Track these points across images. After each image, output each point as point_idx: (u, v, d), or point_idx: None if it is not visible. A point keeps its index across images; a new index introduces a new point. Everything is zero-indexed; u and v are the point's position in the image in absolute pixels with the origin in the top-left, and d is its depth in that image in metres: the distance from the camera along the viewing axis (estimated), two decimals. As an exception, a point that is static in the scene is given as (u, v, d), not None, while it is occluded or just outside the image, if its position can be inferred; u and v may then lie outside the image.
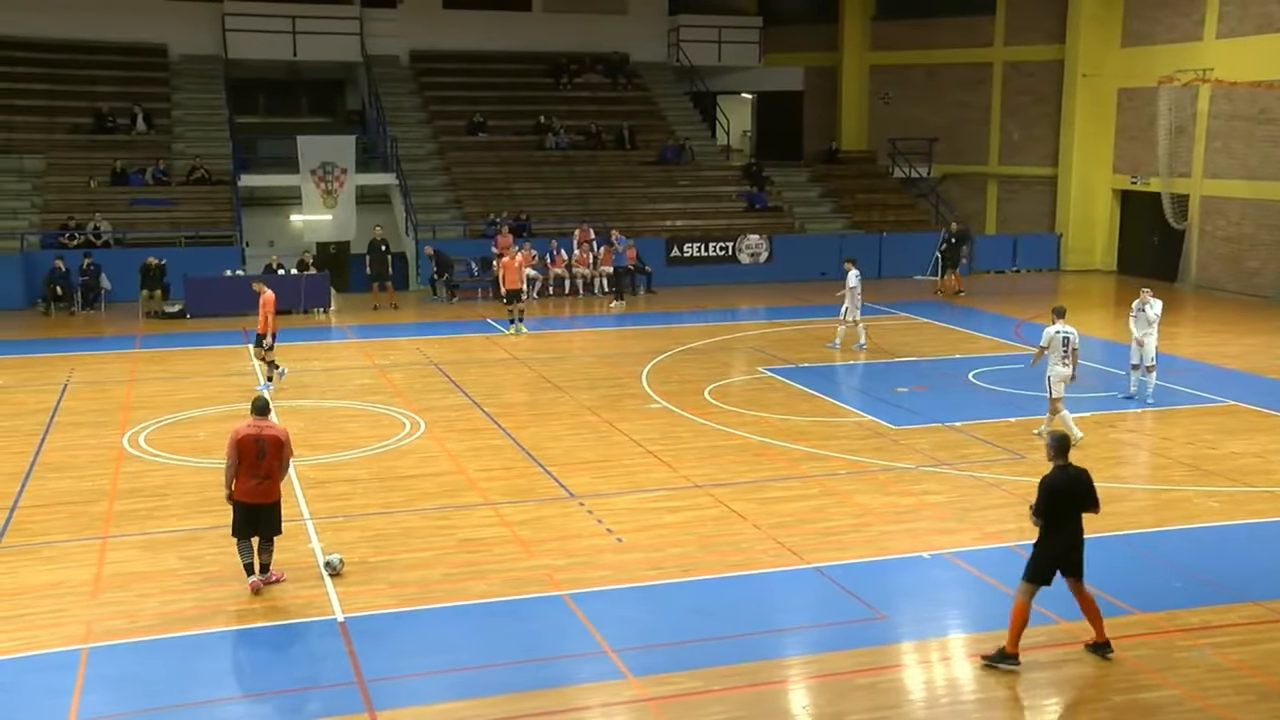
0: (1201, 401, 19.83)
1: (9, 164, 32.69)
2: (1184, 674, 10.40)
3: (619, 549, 13.24)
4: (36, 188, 32.20)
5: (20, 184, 32.28)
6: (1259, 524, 14.28)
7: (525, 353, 23.97)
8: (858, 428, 18.34)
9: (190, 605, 11.76)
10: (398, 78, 38.76)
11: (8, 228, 30.52)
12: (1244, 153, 31.26)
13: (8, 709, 9.79)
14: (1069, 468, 10.43)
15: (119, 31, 36.59)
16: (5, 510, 14.62)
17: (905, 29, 39.54)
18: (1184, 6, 32.53)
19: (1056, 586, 10.51)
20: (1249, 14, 30.77)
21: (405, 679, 10.28)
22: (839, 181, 38.62)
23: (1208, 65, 31.46)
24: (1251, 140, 31.01)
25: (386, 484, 15.62)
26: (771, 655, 10.78)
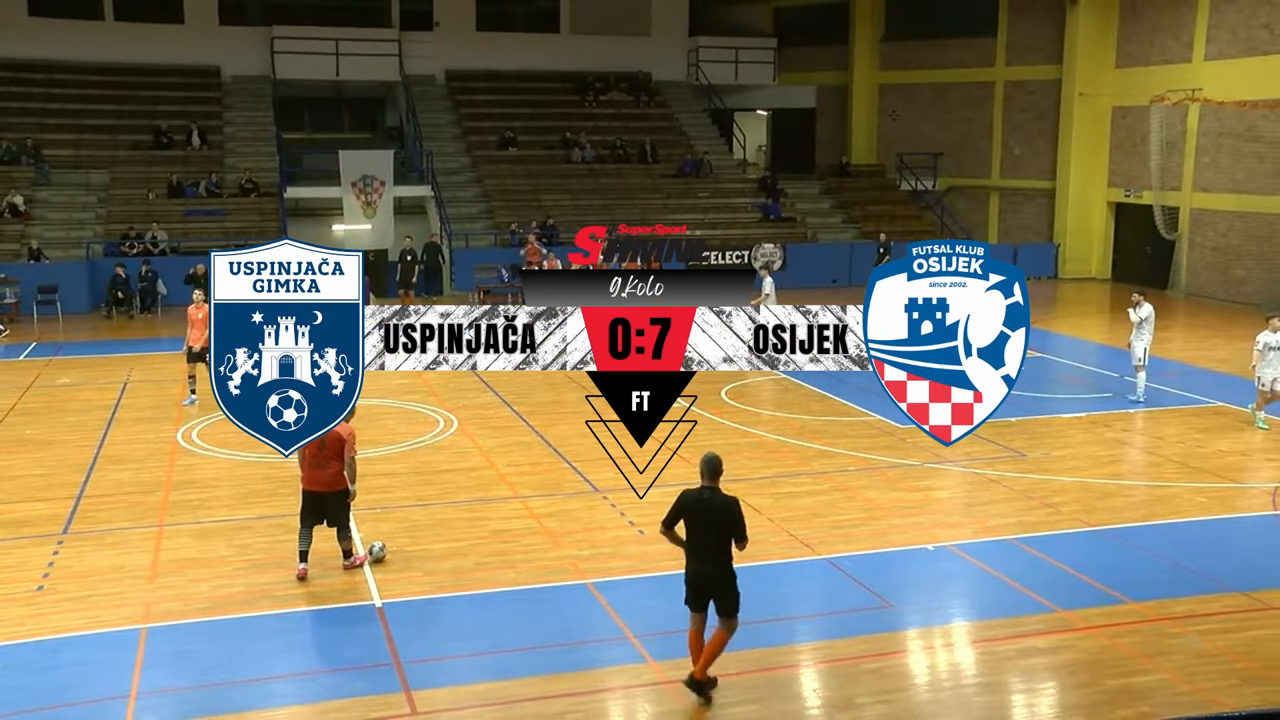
0: (1192, 402, 19.75)
1: (77, 178, 33.10)
2: (1173, 659, 10.37)
3: (640, 540, 13.25)
4: (101, 200, 32.51)
5: (87, 197, 32.62)
6: (1243, 518, 14.26)
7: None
8: (867, 427, 18.31)
9: (240, 590, 11.84)
10: (434, 96, 38.88)
11: (75, 237, 30.85)
12: (1231, 168, 31.10)
13: (77, 681, 9.92)
14: (706, 490, 9.51)
15: (177, 55, 36.99)
16: (72, 499, 14.76)
17: (912, 50, 39.43)
18: (1174, 30, 32.38)
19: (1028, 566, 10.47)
20: (1236, 38, 30.65)
21: (439, 661, 10.33)
22: (849, 193, 38.55)
23: (1197, 85, 31.33)
24: (1238, 156, 30.86)
25: (423, 478, 15.70)
26: (784, 641, 10.81)
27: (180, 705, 9.58)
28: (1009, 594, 11.82)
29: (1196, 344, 25.46)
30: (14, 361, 23.62)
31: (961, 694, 9.94)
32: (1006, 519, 14.03)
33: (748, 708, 9.51)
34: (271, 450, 8.89)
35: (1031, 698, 9.96)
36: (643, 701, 9.67)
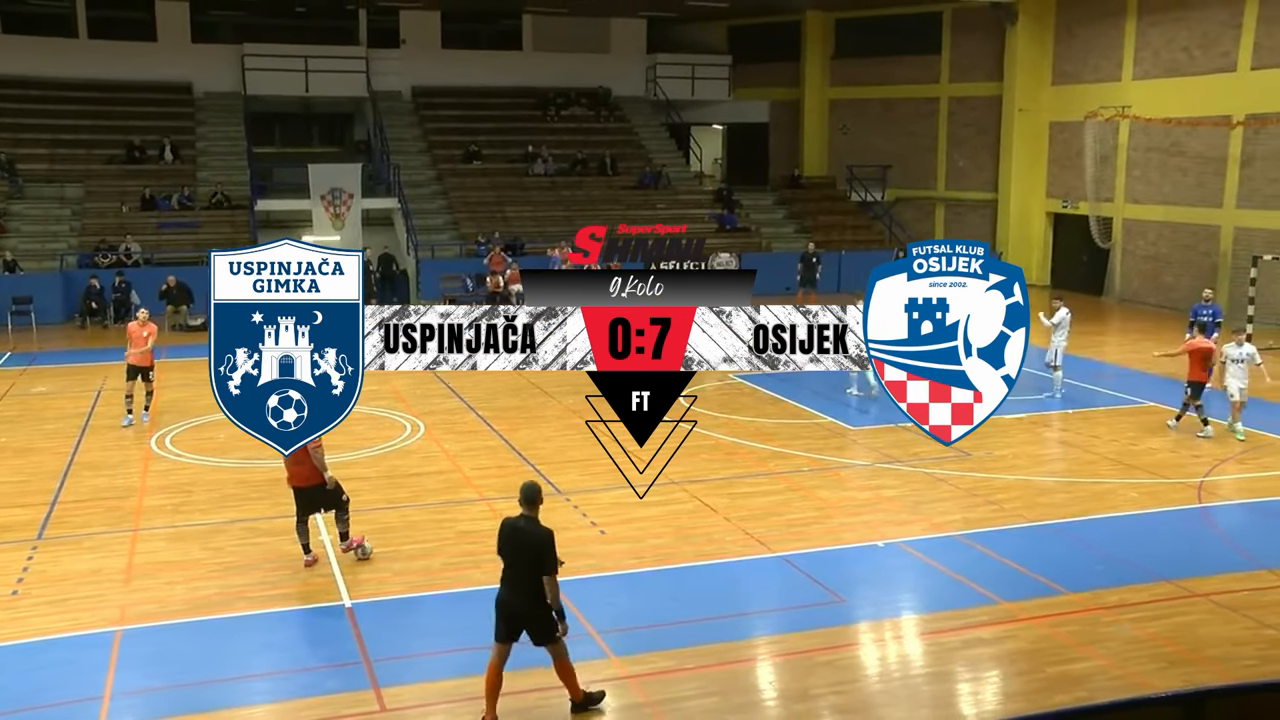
0: (1125, 403, 19.97)
1: (52, 191, 32.75)
2: (1107, 646, 10.51)
3: (602, 540, 13.27)
4: (75, 213, 32.18)
5: (61, 210, 32.29)
6: (1172, 511, 14.42)
7: (517, 361, 23.90)
8: (819, 428, 18.40)
9: (214, 592, 11.75)
10: (400, 111, 38.72)
11: (50, 249, 30.50)
12: (1159, 181, 31.52)
13: (52, 683, 9.82)
14: (522, 519, 9.09)
15: (150, 72, 36.69)
16: (47, 505, 14.60)
17: (861, 67, 39.64)
18: (1105, 50, 32.78)
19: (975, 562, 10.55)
20: (1159, 60, 31.15)
21: (408, 658, 10.30)
22: (802, 204, 38.70)
23: (1127, 103, 31.76)
24: (1165, 170, 31.29)
25: (392, 481, 15.62)
26: (741, 636, 10.83)
27: (155, 705, 9.48)
28: (955, 588, 11.92)
29: (1130, 347, 25.73)
30: (-10, 370, 23.36)
31: (911, 684, 10.00)
32: (952, 516, 14.14)
33: (707, 700, 9.53)
34: (244, 456, 8.83)
35: (977, 686, 10.05)
36: (606, 696, 9.66)
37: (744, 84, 41.64)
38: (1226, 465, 16.29)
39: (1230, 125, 29.13)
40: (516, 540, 9.03)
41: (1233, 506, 14.67)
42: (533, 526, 9.06)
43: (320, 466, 12.15)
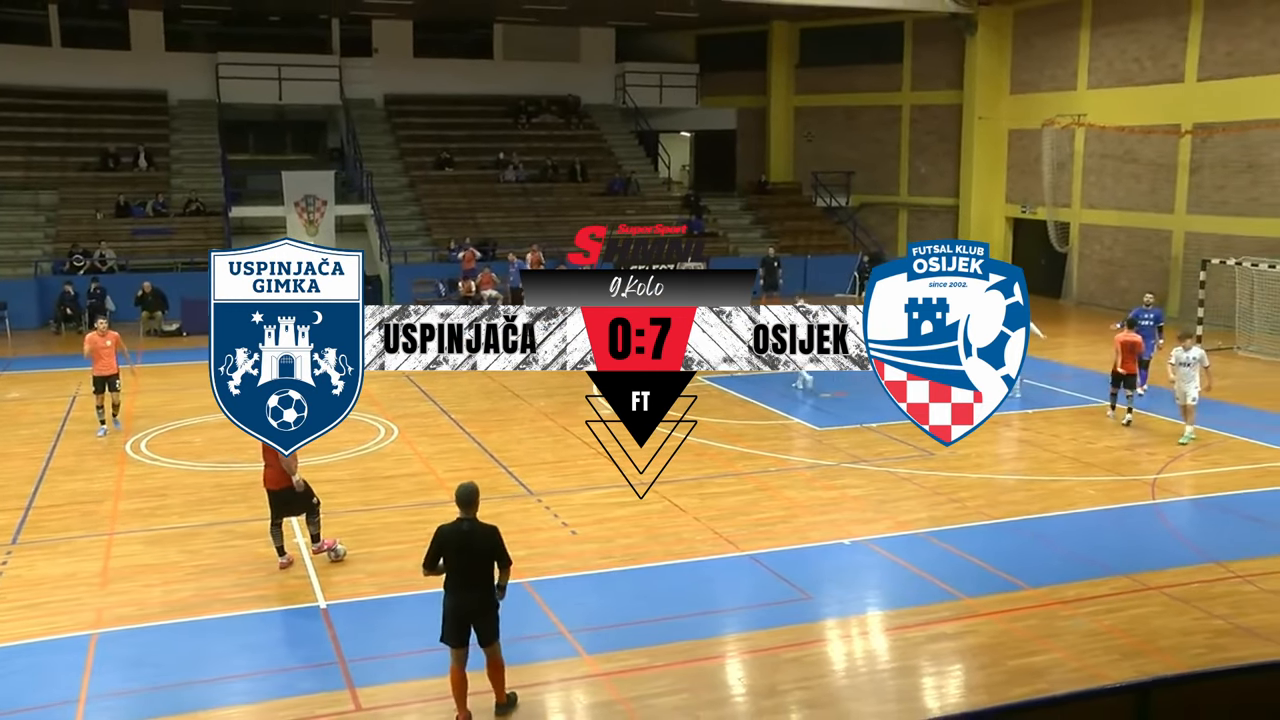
0: (1083, 403, 20.13)
1: (26, 199, 32.40)
2: (1065, 639, 10.62)
3: (574, 540, 13.26)
4: (49, 220, 31.85)
5: (35, 216, 31.96)
6: (1128, 508, 14.57)
7: (489, 364, 23.86)
8: (786, 429, 18.46)
9: (190, 594, 11.67)
10: (373, 119, 38.59)
11: (24, 256, 30.18)
12: (1113, 187, 31.83)
13: (29, 686, 9.74)
14: (466, 522, 8.94)
15: (124, 81, 36.39)
16: (22, 509, 14.46)
17: (825, 75, 39.81)
18: (1061, 60, 33.07)
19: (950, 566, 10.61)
20: (1113, 70, 31.47)
21: (383, 659, 10.26)
22: (768, 210, 38.81)
23: (1082, 111, 32.05)
24: (1119, 176, 31.60)
25: (366, 483, 15.56)
26: (710, 634, 10.85)
27: (131, 708, 9.41)
28: (919, 584, 11.99)
29: (1086, 349, 25.91)
30: (-34, 376, 23.13)
31: (876, 678, 10.06)
32: (917, 514, 14.22)
33: (677, 697, 9.54)
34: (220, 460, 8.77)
35: (940, 680, 10.10)
36: (579, 694, 9.68)
37: (711, 92, 41.75)
38: (1179, 463, 16.46)
39: (1179, 134, 29.47)
40: (468, 542, 8.90)
41: (1184, 502, 14.83)
42: (480, 526, 8.99)
43: (288, 469, 12.07)
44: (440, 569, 8.96)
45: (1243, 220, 28.05)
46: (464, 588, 8.93)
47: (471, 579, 8.92)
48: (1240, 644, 10.53)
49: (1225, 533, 13.60)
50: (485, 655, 9.09)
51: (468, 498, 9.02)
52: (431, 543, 8.97)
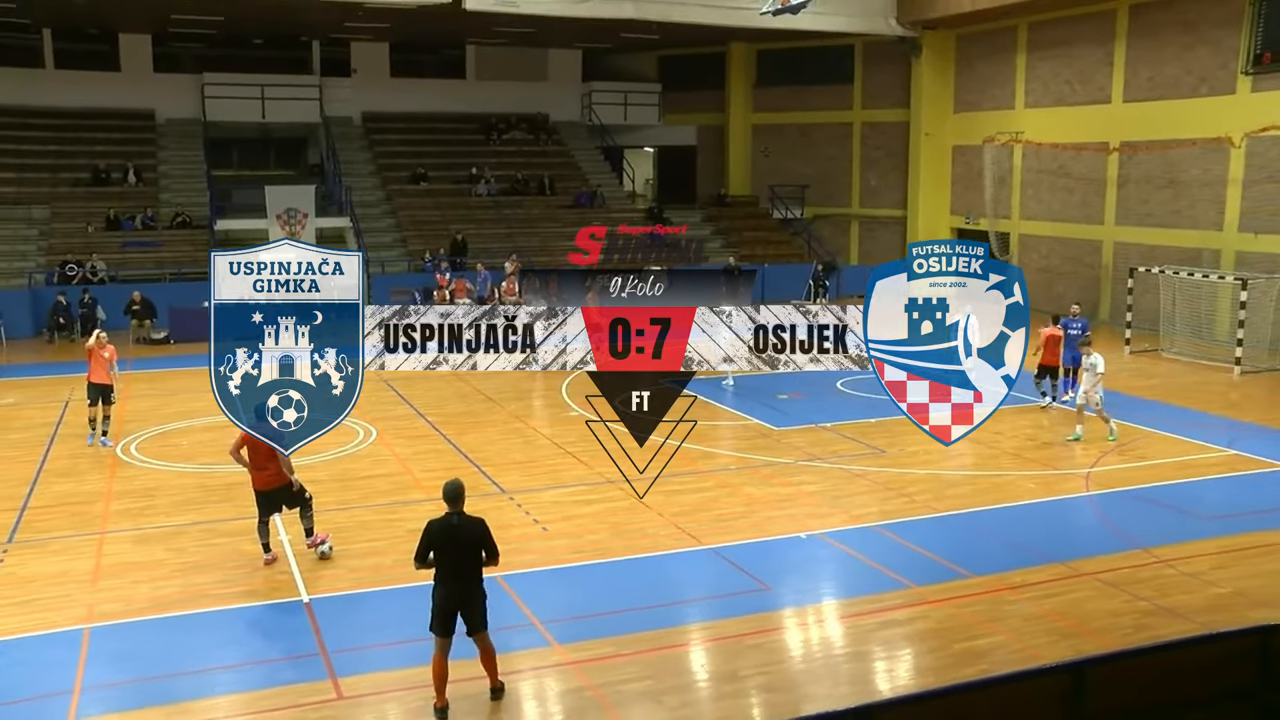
0: (1023, 402, 20.25)
1: (19, 213, 32.03)
2: (1007, 623, 10.71)
3: (544, 537, 13.23)
4: (42, 233, 31.50)
5: (29, 230, 31.61)
6: (1064, 499, 14.74)
7: (464, 369, 23.74)
8: (746, 430, 18.48)
9: (177, 590, 11.56)
10: (352, 136, 38.40)
11: (18, 267, 29.81)
12: (1049, 199, 32.13)
13: (24, 679, 9.66)
14: (455, 517, 8.83)
15: (114, 100, 36.09)
16: (16, 510, 14.28)
17: (781, 94, 39.95)
18: (1000, 81, 33.37)
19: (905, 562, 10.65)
20: (1047, 91, 31.80)
21: (363, 650, 10.21)
22: (728, 221, 38.88)
23: (1020, 129, 32.37)
24: (1054, 190, 31.92)
25: (344, 483, 15.45)
26: (675, 623, 10.85)
27: (123, 698, 9.32)
28: (871, 574, 12.04)
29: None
30: (-40, 383, 22.80)
31: (832, 663, 10.10)
32: (869, 508, 14.28)
33: (643, 683, 9.54)
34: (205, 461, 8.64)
35: (891, 664, 10.16)
36: (550, 680, 9.66)
37: (673, 110, 41.82)
38: (1109, 457, 16.62)
39: (1107, 151, 29.82)
40: (457, 535, 8.84)
41: (1114, 494, 14.94)
42: (468, 520, 8.92)
43: (288, 469, 11.96)
44: (430, 562, 8.91)
45: (1165, 231, 28.43)
46: (453, 579, 8.87)
47: (460, 571, 8.86)
48: (1163, 623, 10.70)
49: (1151, 521, 13.75)
50: (476, 644, 9.06)
51: (454, 493, 8.93)
52: (422, 537, 8.91)
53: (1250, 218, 26.30)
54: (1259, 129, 25.64)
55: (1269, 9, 25.40)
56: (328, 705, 9.18)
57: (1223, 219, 26.97)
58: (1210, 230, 27.22)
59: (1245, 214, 26.42)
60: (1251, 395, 21.15)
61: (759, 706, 9.28)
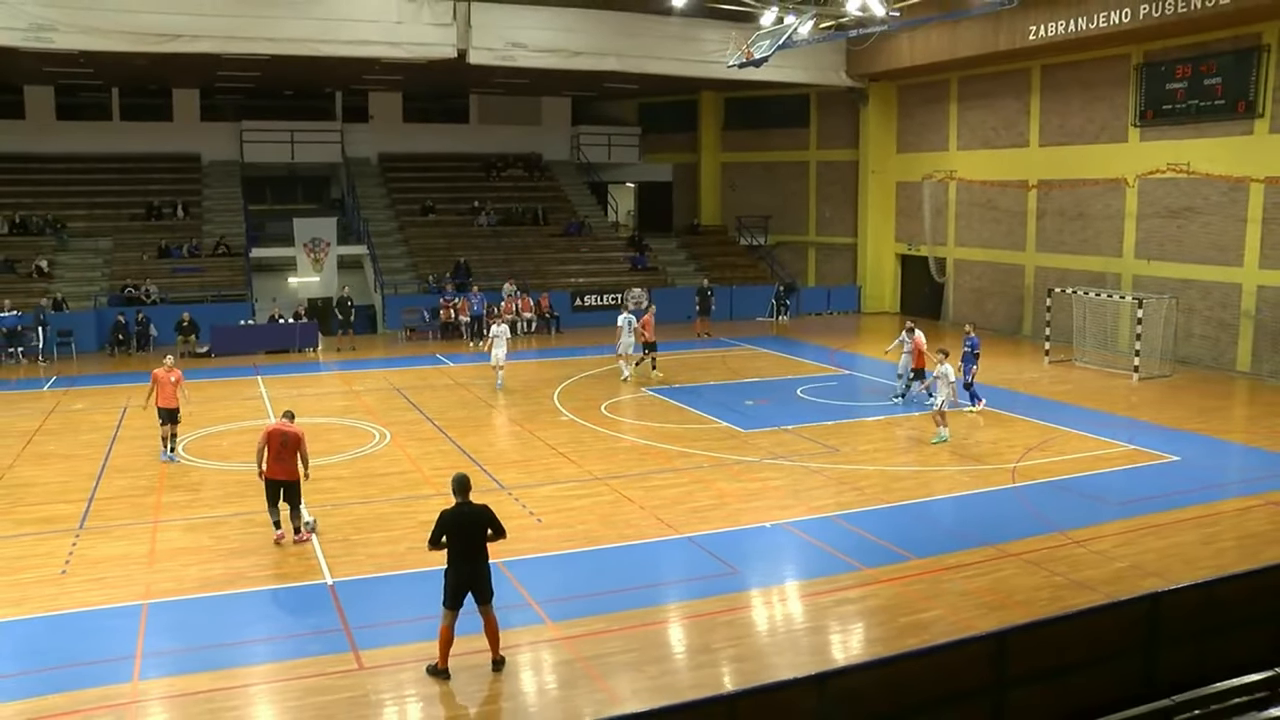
0: (958, 407, 20.37)
1: (89, 244, 32.05)
2: (945, 599, 10.78)
3: (539, 527, 13.22)
4: (106, 261, 31.40)
5: (95, 259, 31.53)
6: (994, 490, 14.78)
7: (465, 379, 23.75)
8: (717, 431, 18.50)
9: (220, 573, 11.57)
10: (369, 174, 38.30)
11: (86, 291, 29.71)
12: (979, 229, 32.29)
13: (94, 646, 9.82)
14: (464, 505, 9.07)
15: (167, 146, 36.25)
16: (86, 500, 14.37)
17: (747, 136, 40.05)
18: (936, 127, 33.55)
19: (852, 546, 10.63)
20: (975, 136, 31.99)
21: (381, 626, 10.21)
22: (700, 248, 38.92)
23: (954, 168, 32.56)
24: (984, 220, 32.08)
25: (363, 480, 15.42)
26: (655, 603, 10.88)
27: (177, 663, 9.38)
28: (827, 559, 12.08)
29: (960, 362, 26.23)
30: (40, 391, 22.71)
31: (793, 636, 10.14)
32: (825, 500, 14.31)
33: (627, 655, 9.57)
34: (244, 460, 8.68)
35: (845, 636, 10.21)
36: (545, 654, 9.67)
37: (651, 150, 41.89)
38: (1032, 453, 16.73)
39: (1027, 188, 30.08)
40: (468, 521, 9.06)
41: (1037, 485, 15.02)
42: (474, 507, 9.15)
43: (304, 462, 12.37)
44: (443, 545, 9.06)
45: (1077, 257, 28.67)
46: (463, 559, 9.05)
47: (468, 551, 9.05)
48: (1075, 595, 10.82)
49: (1066, 508, 13.84)
50: (482, 616, 9.16)
51: (462, 485, 9.18)
52: (435, 524, 9.08)
53: (1144, 246, 26.67)
54: (1147, 171, 26.13)
55: (1149, 74, 25.94)
56: (350, 675, 9.18)
57: (1122, 246, 27.28)
58: (1112, 256, 27.52)
59: (1140, 243, 26.79)
60: (1147, 398, 21.33)
61: (729, 675, 9.30)
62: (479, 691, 8.98)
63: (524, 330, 31.10)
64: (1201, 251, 25.23)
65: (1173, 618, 8.52)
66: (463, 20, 27.91)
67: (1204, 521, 13.23)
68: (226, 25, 25.58)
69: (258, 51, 26.48)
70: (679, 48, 30.41)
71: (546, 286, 32.80)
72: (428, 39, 27.55)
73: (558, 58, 29.30)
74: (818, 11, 23.18)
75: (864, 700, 7.33)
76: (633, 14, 29.45)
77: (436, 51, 27.78)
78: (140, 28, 24.88)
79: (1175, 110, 25.47)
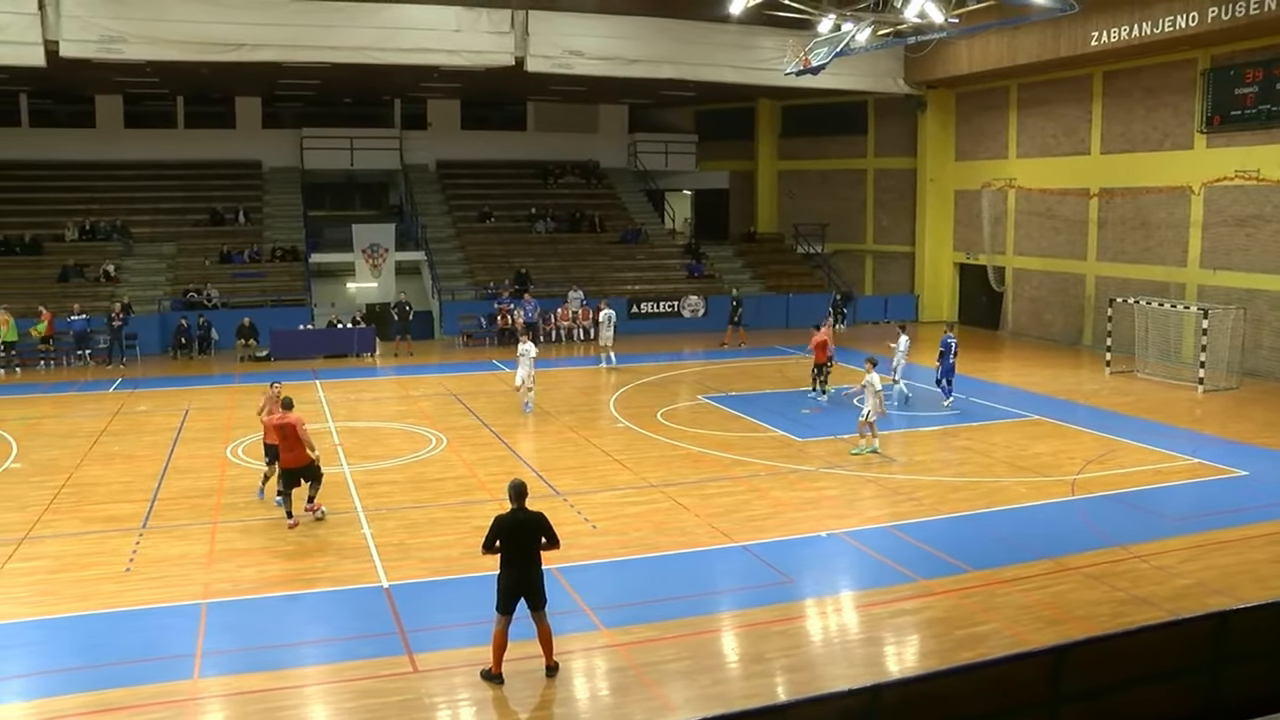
0: (1015, 417, 20.07)
1: (153, 249, 32.77)
2: (1002, 612, 10.59)
3: (594, 533, 13.24)
4: (170, 266, 32.12)
5: (159, 264, 32.26)
6: (1053, 503, 14.53)
7: (524, 384, 23.85)
8: (773, 440, 18.38)
9: (276, 574, 11.74)
10: (427, 180, 38.74)
11: (150, 295, 30.37)
12: (1038, 238, 31.79)
13: (156, 642, 10.00)
14: (519, 512, 9.11)
15: (228, 153, 36.94)
16: (149, 501, 14.66)
17: (804, 144, 39.89)
18: (995, 134, 33.13)
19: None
20: (1035, 144, 31.53)
21: (435, 630, 10.27)
22: (756, 256, 38.80)
23: (1013, 176, 32.10)
24: (1043, 229, 31.58)
25: (418, 485, 15.55)
26: (709, 611, 10.83)
27: (233, 663, 9.51)
28: (883, 569, 11.95)
29: (1019, 371, 25.88)
30: (105, 393, 23.22)
31: (848, 647, 10.04)
32: (881, 510, 14.17)
33: (682, 663, 9.53)
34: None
35: (900, 648, 10.08)
36: (598, 660, 9.67)
37: (708, 157, 41.86)
38: (1091, 465, 16.40)
39: (1088, 196, 29.55)
40: (522, 527, 9.10)
41: (1096, 498, 14.72)
42: (530, 514, 9.18)
43: (308, 445, 13.14)
44: (497, 549, 9.13)
45: (1138, 266, 28.10)
46: (516, 564, 9.09)
47: (523, 557, 9.10)
48: (1137, 611, 10.58)
49: (1127, 522, 13.55)
50: (535, 623, 9.18)
51: (519, 491, 9.24)
52: (491, 527, 9.13)
53: (1209, 256, 26.06)
54: (1213, 179, 25.52)
55: (1216, 79, 25.33)
56: (403, 677, 9.25)
57: (1186, 256, 26.69)
58: (1176, 266, 26.93)
59: (1205, 252, 26.20)
60: (1212, 411, 20.81)
61: (782, 685, 9.22)
62: (531, 697, 9.01)
63: (580, 338, 31.23)
64: (1271, 260, 24.59)
65: (1241, 636, 8.28)
66: (520, 28, 28.15)
67: (1275, 539, 12.86)
68: (288, 35, 26.08)
69: (319, 60, 26.95)
70: (736, 55, 30.38)
71: (603, 294, 32.90)
72: (486, 47, 27.86)
73: (614, 65, 29.40)
74: (875, 18, 22.99)
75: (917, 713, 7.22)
76: (689, 21, 29.45)
77: (494, 59, 28.07)
78: (205, 38, 25.48)
79: (1245, 116, 24.88)
